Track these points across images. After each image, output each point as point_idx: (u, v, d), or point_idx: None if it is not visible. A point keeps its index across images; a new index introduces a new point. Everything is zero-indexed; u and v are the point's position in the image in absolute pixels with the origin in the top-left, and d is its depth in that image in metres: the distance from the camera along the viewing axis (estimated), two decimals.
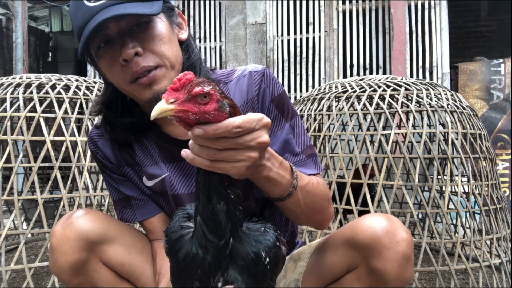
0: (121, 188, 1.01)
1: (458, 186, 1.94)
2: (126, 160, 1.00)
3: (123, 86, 0.88)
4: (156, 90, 0.85)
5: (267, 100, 0.94)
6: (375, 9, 4.34)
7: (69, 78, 2.15)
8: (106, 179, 1.04)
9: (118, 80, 0.88)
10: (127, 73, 0.85)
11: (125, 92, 0.90)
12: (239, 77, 0.96)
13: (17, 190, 1.84)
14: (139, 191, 1.01)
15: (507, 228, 1.98)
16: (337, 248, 0.90)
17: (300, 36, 4.57)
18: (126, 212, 1.01)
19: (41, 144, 2.51)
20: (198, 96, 0.60)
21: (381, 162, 1.93)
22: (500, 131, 3.90)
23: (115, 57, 0.85)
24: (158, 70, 0.85)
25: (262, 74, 0.95)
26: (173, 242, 0.72)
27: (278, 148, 0.92)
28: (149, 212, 1.00)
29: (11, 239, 2.72)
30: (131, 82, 0.86)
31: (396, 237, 0.82)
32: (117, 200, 1.03)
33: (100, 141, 1.02)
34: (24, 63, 4.75)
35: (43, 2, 6.22)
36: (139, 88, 0.86)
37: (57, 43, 7.89)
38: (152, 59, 0.85)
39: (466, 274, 1.94)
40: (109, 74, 0.90)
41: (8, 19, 6.63)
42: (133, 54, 0.83)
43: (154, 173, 0.97)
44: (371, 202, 1.77)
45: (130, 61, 0.84)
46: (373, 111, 1.92)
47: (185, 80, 0.60)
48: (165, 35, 0.88)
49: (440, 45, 4.14)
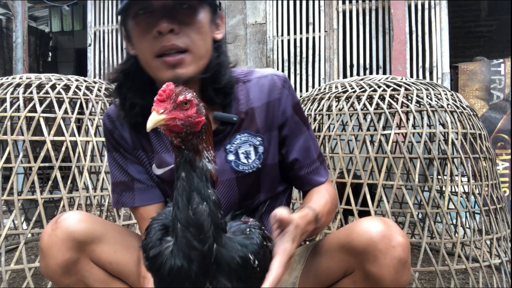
0: (130, 169, 0.98)
1: (458, 186, 1.94)
2: (142, 143, 0.98)
3: (148, 59, 0.88)
4: (178, 74, 0.85)
5: (289, 106, 0.98)
6: (375, 9, 4.34)
7: (69, 78, 2.15)
8: (115, 158, 1.00)
9: (145, 51, 0.87)
10: (155, 45, 0.85)
11: (147, 66, 0.90)
12: (259, 78, 0.98)
13: (17, 190, 1.84)
14: (146, 176, 0.98)
15: (507, 228, 1.98)
16: (333, 252, 0.89)
17: (300, 36, 4.57)
18: (125, 196, 0.98)
19: (41, 144, 2.51)
20: (181, 103, 0.65)
21: (381, 162, 1.93)
22: (500, 131, 3.90)
23: (150, 27, 0.85)
24: (186, 55, 0.86)
25: (284, 80, 0.99)
26: (153, 258, 0.69)
27: (299, 155, 0.98)
28: (150, 198, 0.98)
29: (11, 239, 2.72)
30: (157, 56, 0.86)
31: (392, 241, 0.81)
32: (119, 182, 0.99)
33: (119, 121, 0.99)
34: (24, 63, 4.75)
35: (43, 2, 6.22)
36: (163, 66, 0.86)
37: (57, 43, 7.89)
38: (185, 42, 0.85)
39: (466, 274, 1.94)
40: (138, 43, 0.89)
41: (8, 19, 6.63)
42: (168, 30, 0.84)
43: (166, 161, 0.96)
44: (371, 202, 1.77)
45: (163, 36, 0.84)
46: (373, 111, 1.92)
47: (169, 91, 0.65)
48: (204, 26, 0.89)
49: (440, 45, 4.14)
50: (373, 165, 1.82)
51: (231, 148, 0.95)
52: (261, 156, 0.96)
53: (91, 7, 5.09)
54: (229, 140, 0.95)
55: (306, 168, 0.98)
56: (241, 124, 0.95)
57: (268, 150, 0.97)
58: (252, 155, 0.95)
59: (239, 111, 0.95)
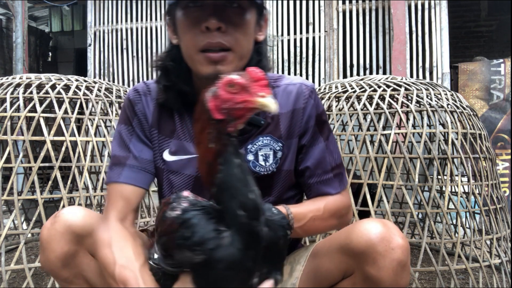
0: (132, 143, 0.97)
1: (458, 186, 1.94)
2: (162, 125, 0.99)
3: (191, 52, 0.90)
4: (219, 70, 0.87)
5: (313, 117, 0.99)
6: (375, 9, 4.33)
7: (69, 78, 2.15)
8: (121, 131, 0.99)
9: (190, 44, 0.90)
10: (201, 40, 0.87)
11: (190, 57, 0.91)
12: (288, 85, 1.00)
13: (17, 190, 1.84)
14: (145, 158, 0.97)
15: (507, 228, 1.98)
16: (333, 254, 0.89)
17: (300, 36, 4.57)
18: (114, 170, 0.95)
19: (41, 144, 2.51)
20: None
21: (381, 162, 1.93)
22: (500, 131, 3.90)
23: (198, 22, 0.87)
24: (229, 53, 0.88)
25: (311, 90, 1.00)
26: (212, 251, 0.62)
27: (312, 164, 0.99)
28: (137, 180, 0.94)
29: (11, 239, 2.72)
30: (201, 50, 0.88)
31: (391, 244, 0.81)
32: (115, 156, 0.97)
33: (145, 97, 1.00)
34: (24, 63, 4.75)
35: (43, 2, 6.22)
36: (205, 61, 0.88)
37: (57, 43, 7.89)
38: (229, 41, 0.87)
39: (466, 274, 1.94)
40: (183, 34, 0.91)
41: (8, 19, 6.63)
42: (216, 27, 0.86)
43: (185, 148, 0.96)
44: (371, 202, 1.77)
45: (210, 32, 0.86)
46: (373, 111, 1.92)
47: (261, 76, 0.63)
48: (250, 28, 0.92)
49: (440, 45, 4.14)
50: (373, 165, 1.82)
51: (251, 149, 0.96)
52: (278, 161, 0.98)
53: (91, 7, 5.09)
54: (252, 140, 0.96)
55: (316, 177, 0.99)
56: (266, 127, 0.97)
57: (286, 157, 0.98)
58: (271, 159, 0.97)
59: (266, 115, 0.96)
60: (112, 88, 2.21)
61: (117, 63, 5.01)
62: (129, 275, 0.78)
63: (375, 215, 1.79)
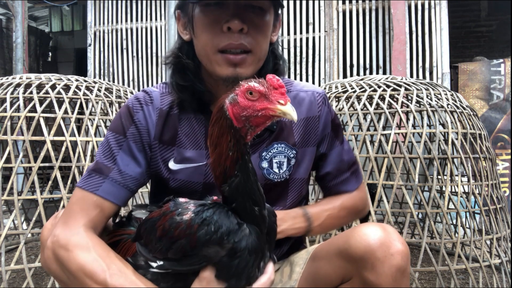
0: (120, 156, 0.90)
1: (458, 186, 1.94)
2: (165, 136, 0.93)
3: (209, 52, 0.87)
4: (239, 73, 0.86)
5: (329, 123, 1.00)
6: (375, 9, 4.34)
7: (69, 78, 2.15)
8: (109, 140, 0.92)
9: (208, 43, 0.87)
10: (222, 40, 0.85)
11: (206, 57, 0.89)
12: (299, 91, 1.00)
13: (17, 190, 1.84)
14: (131, 175, 0.90)
15: (507, 228, 1.98)
16: (331, 258, 0.89)
17: (300, 36, 4.57)
18: (94, 178, 0.88)
19: (41, 144, 2.51)
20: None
21: (381, 162, 1.93)
22: (500, 131, 3.90)
23: (218, 21, 0.85)
24: (249, 56, 0.86)
25: (324, 97, 1.00)
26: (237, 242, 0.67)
27: (332, 169, 1.01)
28: (116, 197, 0.87)
29: (11, 239, 2.72)
30: (220, 51, 0.85)
31: (390, 249, 0.80)
32: (98, 162, 0.90)
33: (147, 107, 0.93)
34: (24, 63, 4.75)
35: (43, 2, 6.22)
36: (224, 62, 0.86)
37: (57, 43, 7.89)
38: (251, 43, 0.86)
39: (466, 274, 1.94)
40: (200, 34, 0.88)
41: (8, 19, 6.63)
42: (239, 28, 0.84)
43: (190, 157, 0.93)
44: (371, 202, 1.77)
45: (231, 33, 0.84)
46: (373, 111, 1.92)
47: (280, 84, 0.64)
48: (269, 29, 0.90)
49: (440, 45, 4.14)
50: (373, 165, 1.82)
51: (266, 156, 0.95)
52: (291, 168, 0.98)
53: (91, 7, 5.09)
54: (266, 147, 0.95)
55: (335, 179, 1.03)
56: (280, 134, 0.96)
57: (299, 164, 0.98)
58: (284, 166, 0.97)
59: (278, 120, 0.95)
60: (112, 88, 2.21)
61: (117, 63, 5.01)
62: (127, 281, 0.74)
63: (375, 215, 1.79)
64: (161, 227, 0.71)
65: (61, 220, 0.85)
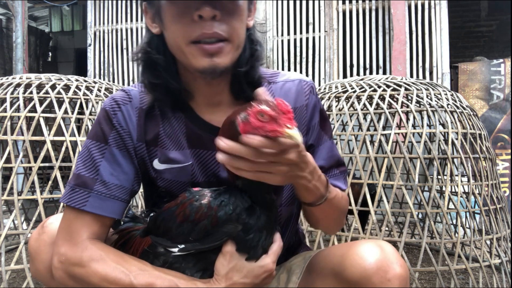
0: (102, 166, 0.85)
1: (458, 186, 1.94)
2: (148, 136, 0.89)
3: (181, 44, 0.80)
4: (216, 63, 0.79)
5: (317, 113, 0.94)
6: (375, 9, 4.34)
7: (69, 78, 2.15)
8: (89, 148, 0.86)
9: (179, 34, 0.79)
10: (194, 31, 0.77)
11: (178, 50, 0.82)
12: (285, 81, 0.94)
13: (17, 190, 1.84)
14: (117, 182, 0.85)
15: (507, 228, 1.98)
16: (326, 277, 0.85)
17: (300, 36, 4.57)
18: (78, 193, 0.84)
19: (41, 144, 2.51)
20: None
21: (381, 162, 1.93)
22: (500, 131, 3.91)
23: (188, 9, 0.77)
24: (226, 44, 0.79)
25: (311, 86, 0.95)
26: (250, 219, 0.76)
27: (324, 163, 0.94)
28: (104, 209, 0.83)
29: (11, 239, 2.72)
30: (193, 42, 0.78)
31: (388, 274, 0.76)
32: (80, 175, 0.85)
33: (125, 106, 0.88)
34: (24, 63, 4.75)
35: (43, 2, 6.22)
36: (199, 53, 0.79)
37: (57, 43, 7.89)
38: (226, 30, 0.79)
39: (466, 274, 1.94)
40: (169, 24, 0.81)
41: (8, 19, 6.64)
42: (211, 15, 0.77)
43: (174, 158, 0.88)
44: (371, 202, 1.77)
45: (204, 21, 0.77)
46: (373, 111, 1.92)
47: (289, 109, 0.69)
48: (244, 14, 0.84)
49: (440, 45, 4.15)
50: (373, 165, 1.82)
51: None
52: None
53: (91, 7, 5.09)
54: None
55: (327, 174, 0.94)
56: None
57: None
58: None
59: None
60: (112, 88, 2.21)
61: (117, 63, 5.01)
62: (152, 277, 0.76)
63: (375, 215, 1.79)
64: (182, 214, 0.78)
65: (62, 238, 0.83)
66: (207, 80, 0.85)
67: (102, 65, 5.07)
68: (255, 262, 0.77)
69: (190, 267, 0.79)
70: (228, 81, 0.88)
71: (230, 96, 0.90)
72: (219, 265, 0.77)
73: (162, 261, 0.80)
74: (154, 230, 0.83)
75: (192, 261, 0.79)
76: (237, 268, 0.76)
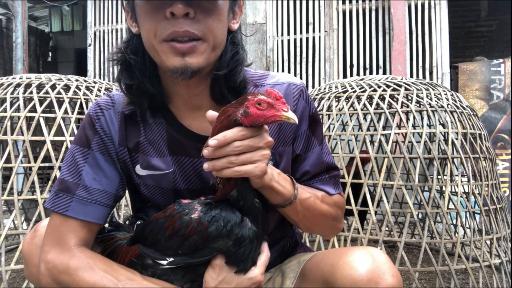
0: (85, 171, 0.85)
1: (458, 186, 1.94)
2: (129, 141, 0.89)
3: (153, 42, 0.78)
4: (188, 63, 0.77)
5: (305, 119, 0.91)
6: (375, 9, 4.34)
7: (69, 78, 2.15)
8: (74, 153, 0.86)
9: (151, 32, 0.77)
10: (165, 29, 0.75)
11: (151, 48, 0.80)
12: (274, 84, 0.91)
13: (17, 190, 1.84)
14: (99, 187, 0.85)
15: (507, 228, 1.98)
16: (318, 286, 0.84)
17: (300, 36, 4.57)
18: (61, 198, 0.84)
19: (41, 144, 2.51)
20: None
21: (381, 162, 1.93)
22: (500, 131, 3.90)
23: (161, 7, 0.75)
24: (199, 43, 0.77)
25: (301, 89, 0.92)
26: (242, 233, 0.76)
27: (310, 169, 0.92)
28: (86, 214, 0.83)
29: (11, 239, 2.72)
30: (164, 40, 0.76)
31: (379, 285, 0.74)
32: (64, 180, 0.85)
33: (108, 111, 0.88)
34: (24, 63, 4.75)
35: (43, 2, 6.22)
36: (170, 52, 0.76)
37: (57, 43, 7.89)
38: (200, 29, 0.76)
39: (466, 274, 1.94)
40: (143, 23, 0.79)
41: (8, 19, 6.64)
42: (183, 13, 0.74)
43: (155, 165, 0.88)
44: (371, 202, 1.78)
45: (176, 18, 0.74)
46: (373, 111, 1.92)
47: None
48: (223, 14, 0.80)
49: (440, 45, 4.15)
50: (373, 165, 1.82)
51: None
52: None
53: (91, 7, 5.09)
54: None
55: (313, 179, 0.93)
56: None
57: (278, 166, 0.90)
58: None
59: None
60: (112, 88, 2.21)
61: None
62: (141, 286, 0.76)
63: (375, 215, 1.79)
64: (171, 227, 0.77)
65: (49, 244, 0.82)
66: (185, 82, 0.82)
67: (102, 65, 5.07)
68: (244, 274, 0.76)
69: (179, 278, 0.79)
70: (208, 85, 0.86)
71: (211, 100, 0.88)
72: (208, 277, 0.77)
73: (151, 273, 0.80)
74: (141, 240, 0.82)
75: (181, 273, 0.79)
76: (226, 281, 0.76)
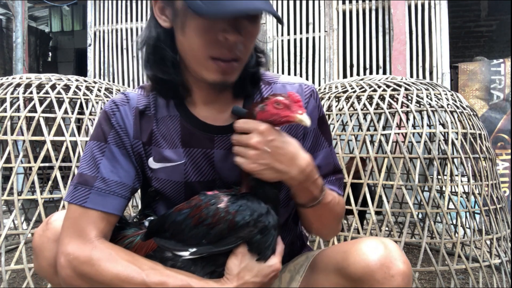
0: (103, 163, 0.87)
1: (458, 186, 1.94)
2: (143, 134, 0.91)
3: (200, 57, 0.81)
4: (226, 79, 0.83)
5: (315, 118, 0.95)
6: (375, 9, 4.34)
7: (69, 78, 2.15)
8: (91, 148, 0.89)
9: (201, 48, 0.80)
10: (216, 48, 0.79)
11: (196, 61, 0.83)
12: (286, 83, 0.95)
13: (17, 190, 1.84)
14: (117, 179, 0.87)
15: (507, 228, 1.98)
16: (329, 273, 0.86)
17: (300, 36, 4.57)
18: (79, 190, 0.86)
19: (41, 144, 2.51)
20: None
21: (381, 162, 1.93)
22: (500, 131, 3.91)
23: (215, 27, 0.78)
24: (238, 63, 0.83)
25: (312, 90, 0.96)
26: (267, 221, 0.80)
27: (320, 169, 0.93)
28: (104, 205, 0.85)
29: (11, 239, 2.72)
30: (211, 57, 0.80)
31: (391, 270, 0.77)
32: (82, 174, 0.88)
33: (123, 107, 0.92)
34: (24, 63, 4.75)
35: (43, 2, 6.22)
36: (214, 69, 0.81)
37: (57, 43, 7.89)
38: (241, 52, 0.82)
39: (466, 274, 1.94)
40: (192, 36, 0.81)
41: (8, 19, 6.64)
42: (237, 41, 0.79)
43: (168, 156, 0.90)
44: (371, 202, 1.78)
45: (228, 42, 0.79)
46: (373, 111, 1.92)
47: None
48: (258, 34, 0.86)
49: (440, 45, 4.15)
50: (373, 165, 1.82)
51: None
52: None
53: (91, 7, 5.09)
54: None
55: (324, 179, 0.95)
56: None
57: None
58: None
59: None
60: (112, 88, 2.22)
61: (117, 63, 5.01)
62: (164, 276, 0.77)
63: (375, 215, 1.79)
64: (197, 217, 0.80)
65: (69, 236, 0.84)
66: (211, 87, 0.87)
67: (102, 65, 5.07)
68: (264, 262, 0.80)
69: (199, 270, 0.81)
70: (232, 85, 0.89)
71: (231, 93, 0.91)
72: (232, 264, 0.79)
73: (170, 266, 0.81)
74: (158, 233, 0.83)
75: (201, 264, 0.81)
76: (248, 268, 0.79)
